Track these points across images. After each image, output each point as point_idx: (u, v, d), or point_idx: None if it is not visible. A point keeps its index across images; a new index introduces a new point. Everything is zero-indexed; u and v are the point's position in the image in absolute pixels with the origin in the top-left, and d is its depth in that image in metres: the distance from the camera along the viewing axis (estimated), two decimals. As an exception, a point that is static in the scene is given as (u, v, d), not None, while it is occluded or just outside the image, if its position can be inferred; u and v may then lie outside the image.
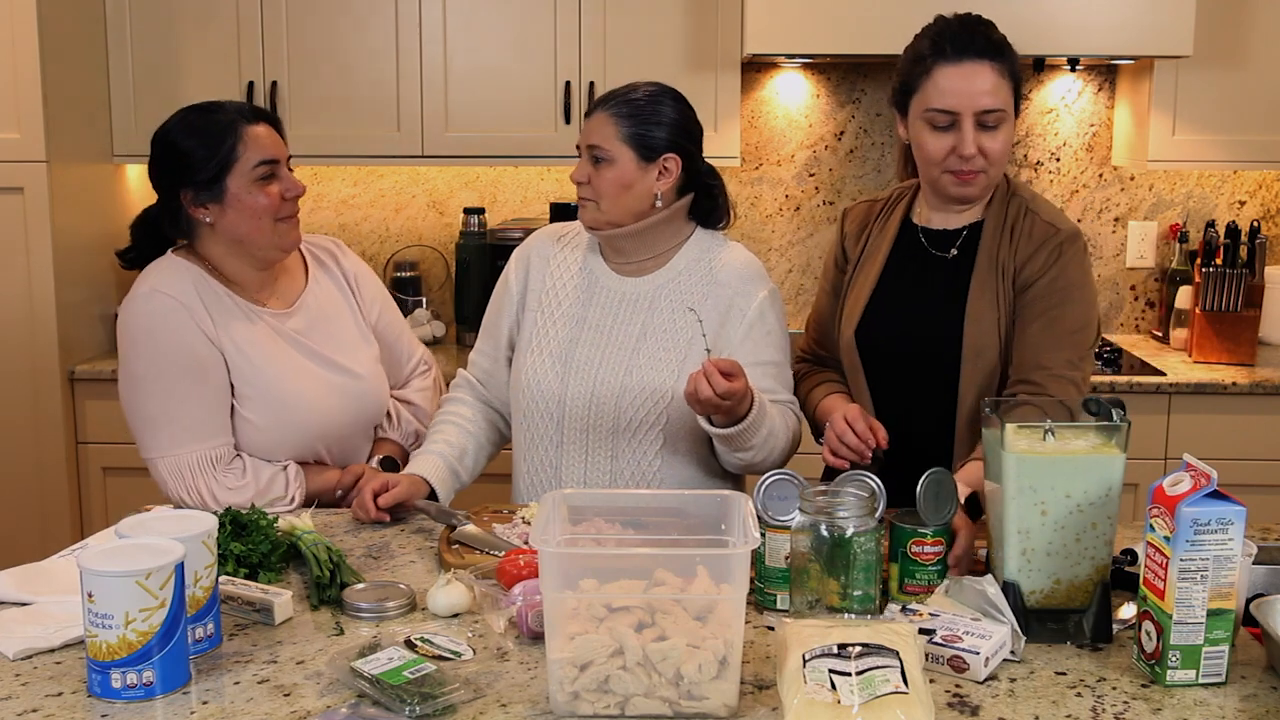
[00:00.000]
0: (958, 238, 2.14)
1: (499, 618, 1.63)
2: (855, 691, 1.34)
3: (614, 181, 2.11)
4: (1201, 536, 1.46)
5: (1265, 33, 3.43)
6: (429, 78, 3.49)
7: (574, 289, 2.23)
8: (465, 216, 3.69)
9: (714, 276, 2.19)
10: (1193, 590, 1.47)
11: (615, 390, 2.14)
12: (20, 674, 1.51)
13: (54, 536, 3.21)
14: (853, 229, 2.27)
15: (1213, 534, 1.47)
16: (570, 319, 2.22)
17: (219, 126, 2.13)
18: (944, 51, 2.02)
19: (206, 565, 1.55)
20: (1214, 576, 1.47)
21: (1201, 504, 1.46)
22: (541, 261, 2.27)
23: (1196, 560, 1.47)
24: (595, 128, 2.12)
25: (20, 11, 3.17)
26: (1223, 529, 1.47)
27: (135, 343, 2.15)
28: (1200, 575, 1.47)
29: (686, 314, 2.15)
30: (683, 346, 2.15)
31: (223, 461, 2.14)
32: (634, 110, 2.11)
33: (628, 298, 2.20)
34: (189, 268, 2.18)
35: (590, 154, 2.13)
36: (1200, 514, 1.46)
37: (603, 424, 2.15)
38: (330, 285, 2.34)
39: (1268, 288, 3.54)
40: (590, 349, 2.18)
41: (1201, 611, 1.47)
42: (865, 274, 2.21)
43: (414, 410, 2.44)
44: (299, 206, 2.21)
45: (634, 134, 2.10)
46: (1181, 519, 1.46)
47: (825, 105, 3.80)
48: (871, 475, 1.72)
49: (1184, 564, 1.46)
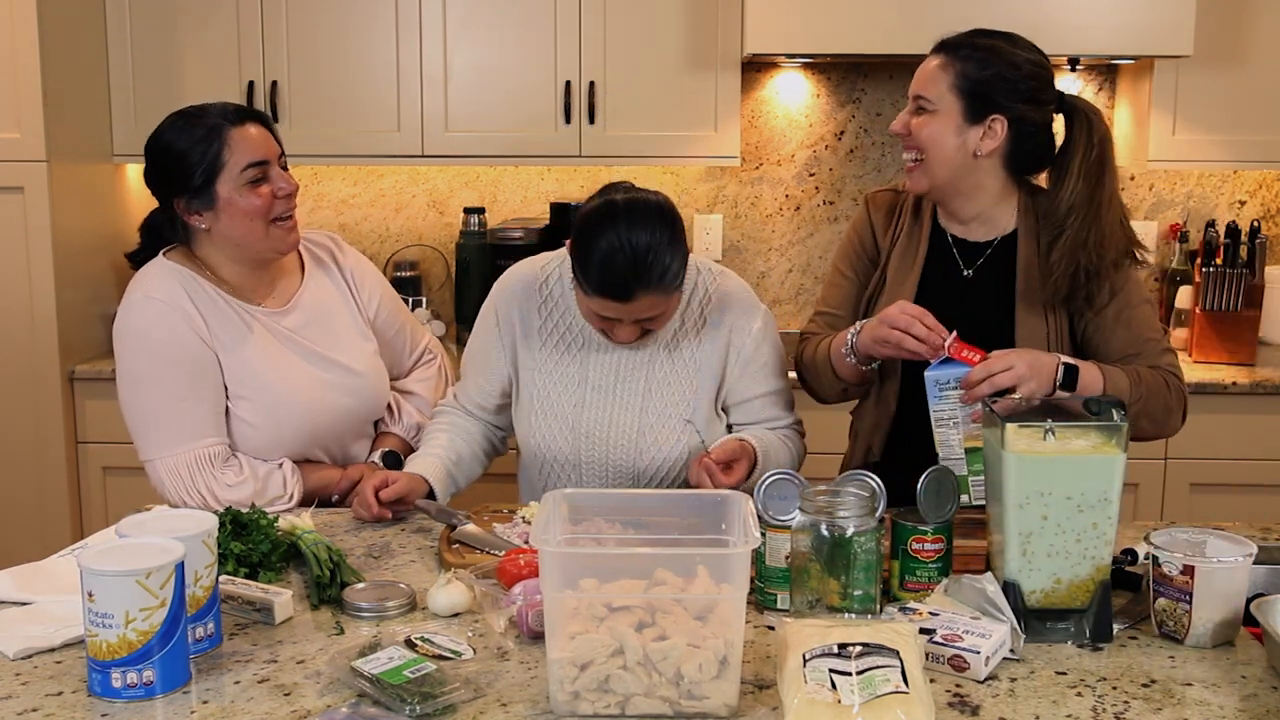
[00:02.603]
0: (983, 251, 2.15)
1: (499, 617, 1.63)
2: (855, 691, 1.34)
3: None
4: (945, 393, 1.94)
5: (1265, 33, 3.43)
6: (429, 78, 3.49)
7: (569, 345, 2.20)
8: (465, 216, 3.69)
9: (705, 319, 2.19)
10: (950, 435, 1.95)
11: (631, 453, 2.17)
12: (20, 673, 1.51)
13: (54, 536, 3.20)
14: (880, 218, 2.25)
15: (953, 390, 1.93)
16: (570, 379, 2.19)
17: (203, 132, 2.11)
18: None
19: (207, 565, 1.55)
20: (964, 423, 1.94)
21: (940, 369, 1.93)
22: (531, 309, 2.21)
23: (945, 411, 1.94)
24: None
25: (20, 11, 3.17)
26: (959, 388, 1.93)
27: (131, 347, 2.15)
28: (953, 423, 1.95)
29: (686, 363, 2.17)
30: (689, 398, 2.17)
31: (219, 460, 2.14)
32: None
33: (623, 360, 2.18)
34: (179, 270, 2.18)
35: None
36: (940, 376, 1.94)
37: (621, 482, 2.18)
38: (327, 282, 2.34)
39: (1268, 288, 3.54)
40: (598, 412, 2.17)
41: (960, 450, 1.92)
42: (902, 275, 2.18)
43: (415, 401, 2.44)
44: (295, 205, 2.19)
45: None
46: (928, 383, 1.95)
47: (825, 105, 3.80)
48: (871, 475, 1.72)
49: (937, 414, 1.96)
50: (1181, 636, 1.61)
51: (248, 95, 3.47)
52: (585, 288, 2.01)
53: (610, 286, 1.97)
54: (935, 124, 2.07)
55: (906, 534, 1.71)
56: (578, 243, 2.01)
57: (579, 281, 2.02)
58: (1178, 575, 1.60)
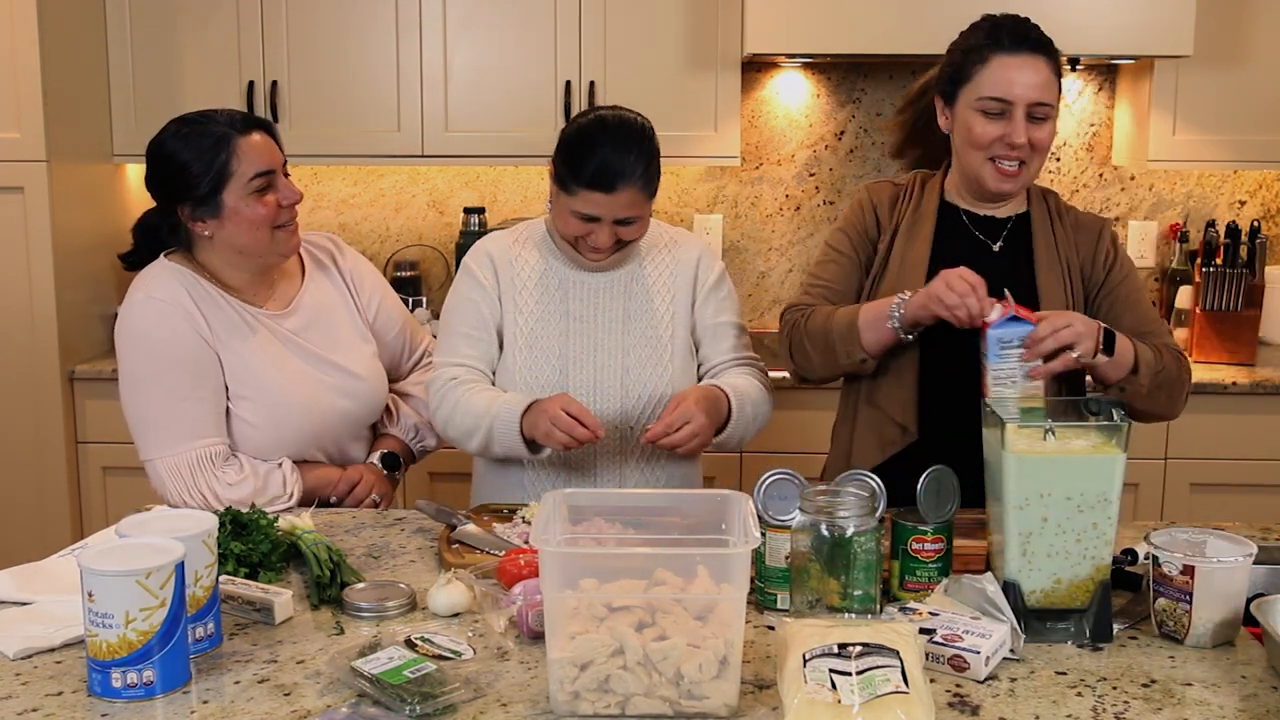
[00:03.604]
0: (1004, 228, 2.18)
1: (499, 617, 1.63)
2: (855, 691, 1.34)
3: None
4: (1006, 350, 1.90)
5: (1265, 33, 3.43)
6: (429, 78, 3.49)
7: (545, 286, 2.25)
8: (465, 216, 3.69)
9: (678, 257, 2.31)
10: (1006, 393, 1.89)
11: (617, 374, 2.21)
12: (20, 673, 1.51)
13: (54, 536, 3.20)
14: (883, 200, 2.24)
15: (1015, 349, 1.90)
16: (552, 315, 2.24)
17: (211, 141, 2.11)
18: (1001, 42, 2.07)
19: (207, 565, 1.55)
20: (1021, 383, 1.90)
21: (1004, 327, 1.90)
22: (506, 263, 2.28)
23: (1005, 370, 1.90)
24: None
25: (20, 11, 3.17)
26: (1022, 346, 1.89)
27: (133, 347, 2.16)
28: (1011, 381, 1.90)
29: (658, 288, 2.27)
30: (667, 324, 2.26)
31: (220, 459, 2.15)
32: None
33: (600, 289, 2.26)
34: (181, 272, 2.18)
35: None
36: (1004, 334, 1.90)
37: (609, 407, 2.20)
38: (328, 285, 2.34)
39: (1268, 287, 3.54)
40: (581, 340, 2.23)
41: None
42: (910, 247, 2.18)
43: (413, 402, 2.44)
44: (297, 212, 2.20)
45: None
46: (990, 340, 1.91)
47: (825, 105, 3.80)
48: (871, 475, 1.72)
49: (995, 374, 1.91)
50: (1181, 636, 1.61)
51: (248, 95, 3.47)
52: (572, 183, 2.12)
53: (598, 176, 2.10)
54: (1050, 127, 2.09)
55: (906, 534, 1.71)
56: (565, 144, 2.15)
57: (565, 183, 2.14)
58: (1178, 575, 1.60)
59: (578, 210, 2.15)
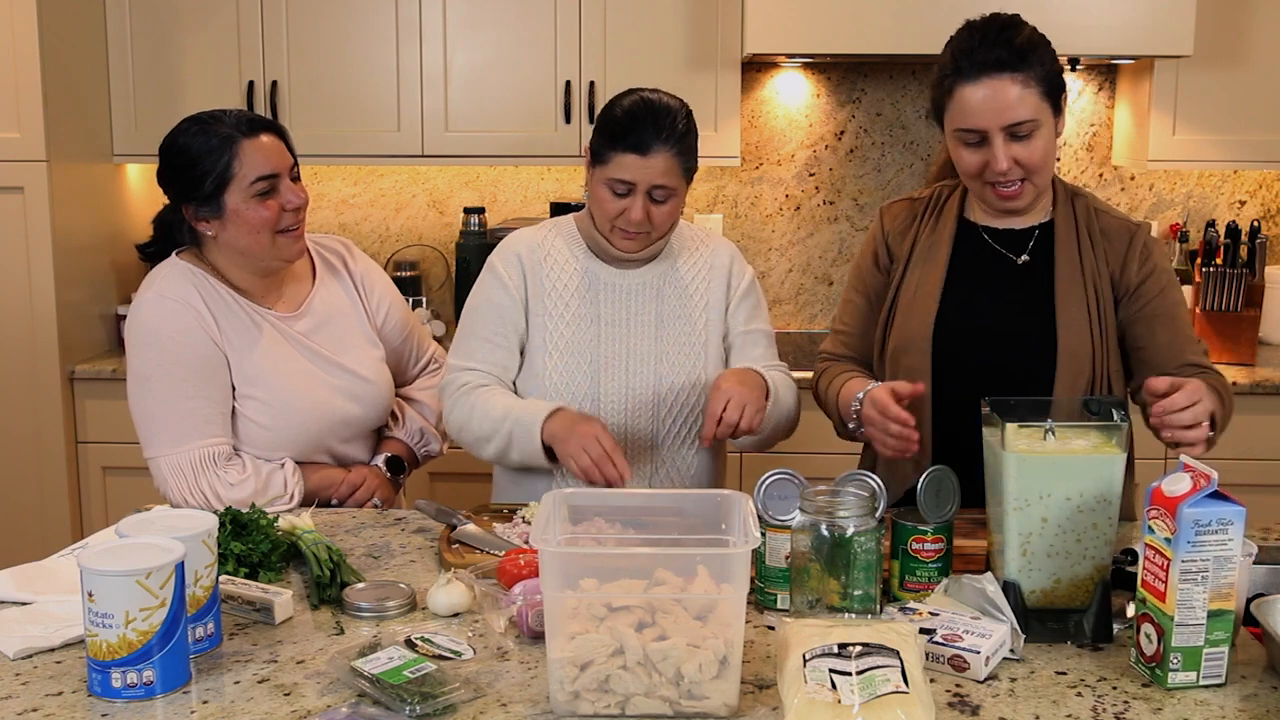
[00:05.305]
0: (1028, 239, 2.11)
1: (499, 617, 1.63)
2: (856, 691, 1.34)
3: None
4: (1203, 537, 1.45)
5: (1265, 33, 3.43)
6: (429, 78, 3.49)
7: (576, 288, 2.22)
8: (465, 216, 3.69)
9: (711, 262, 2.28)
10: (1194, 592, 1.46)
11: (651, 381, 2.19)
12: (20, 673, 1.51)
13: (54, 536, 3.20)
14: (895, 226, 2.19)
15: (1213, 535, 1.45)
16: (583, 318, 2.20)
17: (216, 142, 2.11)
18: (962, 70, 1.97)
19: (207, 565, 1.55)
20: (1214, 577, 1.46)
21: (1202, 505, 1.45)
22: (534, 264, 2.23)
23: (1198, 561, 1.45)
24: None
25: (20, 11, 3.17)
26: (1223, 529, 1.45)
27: (141, 344, 2.16)
28: (1201, 576, 1.45)
29: (691, 292, 2.24)
30: (701, 329, 2.24)
31: (223, 458, 2.15)
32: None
33: (632, 291, 2.22)
34: (193, 271, 2.18)
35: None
36: (1201, 515, 1.45)
37: (641, 417, 2.18)
38: (338, 288, 2.34)
39: (1268, 288, 3.54)
40: (613, 345, 2.20)
41: (1202, 613, 1.46)
42: (925, 273, 2.13)
43: (419, 407, 2.44)
44: (302, 216, 2.20)
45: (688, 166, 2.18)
46: (1183, 520, 1.44)
47: (825, 105, 3.80)
48: (872, 475, 1.72)
49: (1185, 565, 1.45)
50: (1182, 637, 1.58)
51: (247, 95, 3.47)
52: (607, 149, 2.10)
53: (634, 136, 2.08)
54: (1040, 139, 1.97)
55: (906, 534, 1.71)
56: (603, 115, 2.15)
57: (600, 153, 2.12)
58: (1179, 576, 1.56)
59: (612, 177, 2.10)
